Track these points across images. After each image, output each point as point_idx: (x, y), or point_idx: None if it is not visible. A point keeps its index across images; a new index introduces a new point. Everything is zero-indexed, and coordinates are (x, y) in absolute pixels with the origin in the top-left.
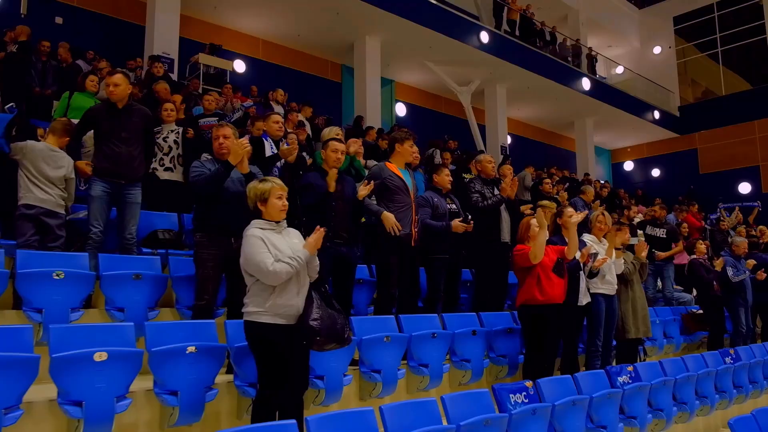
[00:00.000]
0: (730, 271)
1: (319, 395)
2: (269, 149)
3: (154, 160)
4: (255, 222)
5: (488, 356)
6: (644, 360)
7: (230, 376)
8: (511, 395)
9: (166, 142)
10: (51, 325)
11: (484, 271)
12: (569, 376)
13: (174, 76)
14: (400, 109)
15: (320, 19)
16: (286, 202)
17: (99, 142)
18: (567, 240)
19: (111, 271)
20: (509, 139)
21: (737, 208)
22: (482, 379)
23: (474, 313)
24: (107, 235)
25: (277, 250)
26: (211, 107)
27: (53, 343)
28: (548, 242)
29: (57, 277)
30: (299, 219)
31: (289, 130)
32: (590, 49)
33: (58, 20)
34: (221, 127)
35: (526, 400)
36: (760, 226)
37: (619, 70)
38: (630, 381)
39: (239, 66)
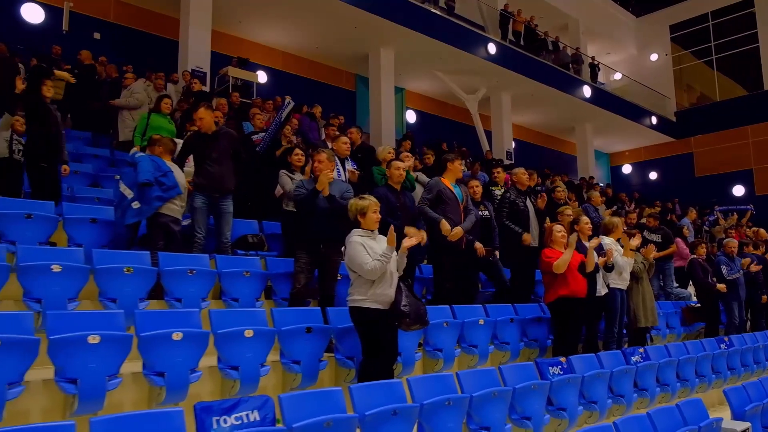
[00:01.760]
0: (724, 270)
1: (397, 367)
2: (338, 168)
3: None
4: (355, 231)
5: (522, 340)
6: (651, 345)
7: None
8: (549, 367)
9: None
10: (136, 311)
11: (516, 270)
12: (593, 354)
13: (206, 89)
14: (410, 116)
15: (338, 32)
16: (379, 215)
17: (197, 163)
18: (587, 246)
19: (171, 266)
20: (513, 144)
21: (734, 213)
22: (518, 359)
23: (510, 305)
24: (208, 239)
25: (374, 251)
26: (261, 125)
27: (139, 324)
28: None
29: (127, 272)
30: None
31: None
32: (593, 58)
33: (96, 36)
34: (318, 153)
35: (561, 372)
36: (760, 229)
37: (617, 76)
38: (641, 360)
39: (261, 77)
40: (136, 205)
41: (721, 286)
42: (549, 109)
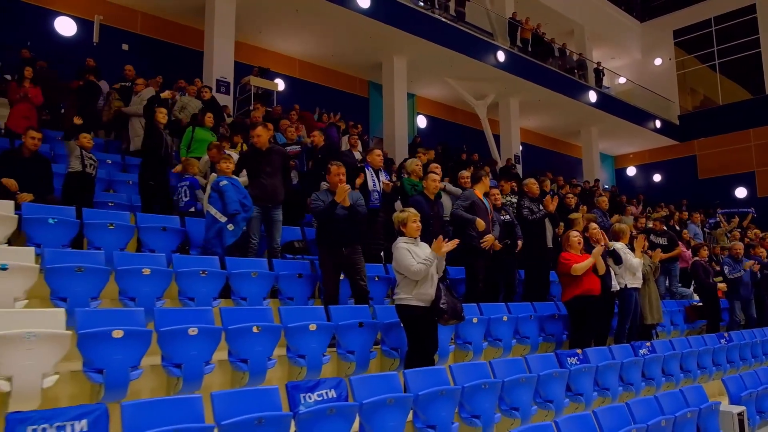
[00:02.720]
0: (726, 269)
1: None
2: (369, 177)
3: None
4: (400, 238)
5: (540, 335)
6: (657, 340)
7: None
8: (568, 358)
9: None
10: (202, 307)
11: (533, 270)
12: (606, 347)
13: (230, 98)
14: (421, 121)
15: (354, 41)
16: (420, 224)
17: (251, 176)
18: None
19: (238, 269)
20: (520, 148)
21: (736, 216)
22: (537, 352)
23: (530, 303)
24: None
25: (417, 256)
26: (293, 137)
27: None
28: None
29: (203, 275)
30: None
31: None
32: (598, 63)
33: (125, 47)
34: (339, 167)
35: (578, 362)
36: (763, 233)
37: (622, 80)
38: (648, 353)
39: (280, 85)
40: (231, 227)
41: (722, 286)
42: (556, 113)
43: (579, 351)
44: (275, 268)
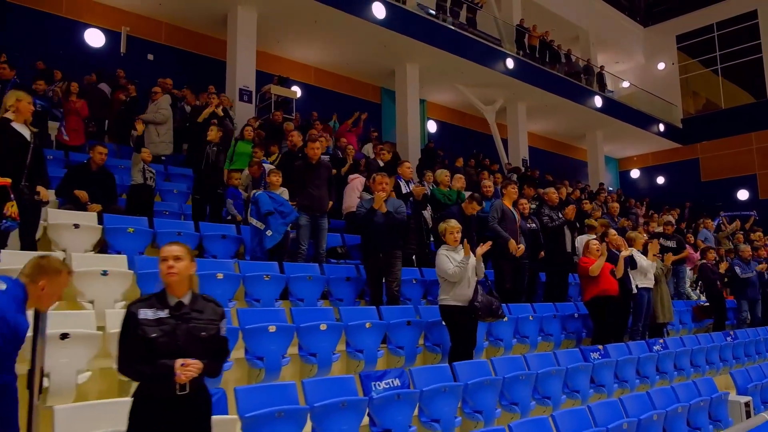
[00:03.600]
0: (738, 270)
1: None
2: (404, 187)
3: None
4: (443, 246)
5: (562, 333)
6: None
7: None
8: (591, 353)
9: None
10: (269, 308)
11: (554, 273)
12: (624, 343)
13: (252, 106)
14: (431, 126)
15: (368, 50)
16: (459, 235)
17: (301, 187)
18: (617, 255)
19: (295, 273)
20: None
21: (737, 219)
22: (560, 348)
23: (552, 303)
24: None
25: (455, 260)
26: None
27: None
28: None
29: (266, 279)
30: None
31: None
32: (601, 67)
33: (150, 57)
34: (383, 176)
35: (600, 357)
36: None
37: (626, 84)
38: (662, 349)
39: (297, 92)
40: (269, 233)
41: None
42: (561, 117)
43: (600, 347)
44: (326, 272)
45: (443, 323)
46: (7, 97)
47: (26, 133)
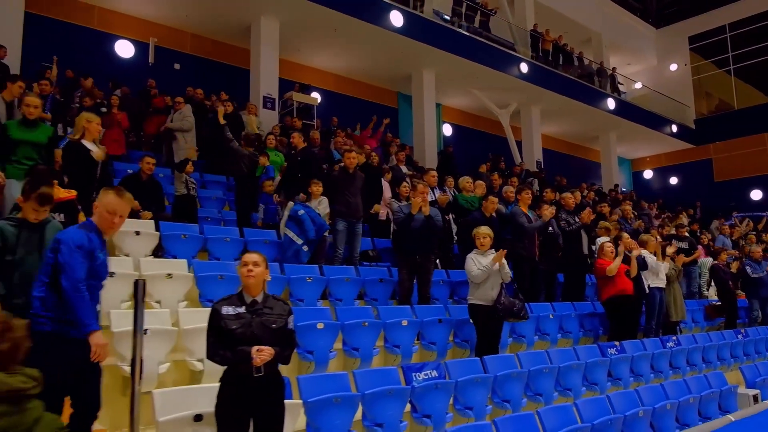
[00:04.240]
0: (749, 269)
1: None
2: (430, 195)
3: None
4: (474, 250)
5: (580, 330)
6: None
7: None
8: (608, 349)
9: None
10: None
11: (571, 274)
12: (639, 340)
13: (275, 113)
14: (447, 130)
15: (386, 56)
16: (487, 241)
17: (339, 194)
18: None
19: (334, 276)
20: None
21: (750, 220)
22: (578, 344)
23: (570, 303)
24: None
25: (480, 263)
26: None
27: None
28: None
29: (308, 281)
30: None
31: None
32: (613, 69)
33: (176, 66)
34: (424, 186)
35: (617, 353)
36: None
37: (638, 86)
38: (675, 346)
39: (317, 98)
40: (305, 248)
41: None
42: (575, 119)
43: (617, 343)
44: (361, 274)
45: (471, 321)
46: (79, 118)
47: (95, 150)
